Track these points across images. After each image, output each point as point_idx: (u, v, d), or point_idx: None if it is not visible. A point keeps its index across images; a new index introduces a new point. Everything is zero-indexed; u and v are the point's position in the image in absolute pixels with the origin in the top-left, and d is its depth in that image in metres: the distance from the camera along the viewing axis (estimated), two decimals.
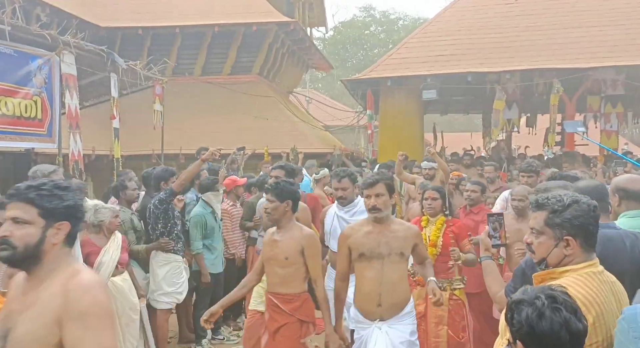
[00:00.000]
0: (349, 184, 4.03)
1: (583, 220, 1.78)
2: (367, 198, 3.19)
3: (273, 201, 3.26)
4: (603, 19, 11.27)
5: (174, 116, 11.08)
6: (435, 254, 3.95)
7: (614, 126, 10.95)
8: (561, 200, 1.83)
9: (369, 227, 3.21)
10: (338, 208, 4.08)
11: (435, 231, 4.05)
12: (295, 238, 3.28)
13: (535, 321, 1.37)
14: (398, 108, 11.68)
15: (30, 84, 5.62)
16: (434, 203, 4.10)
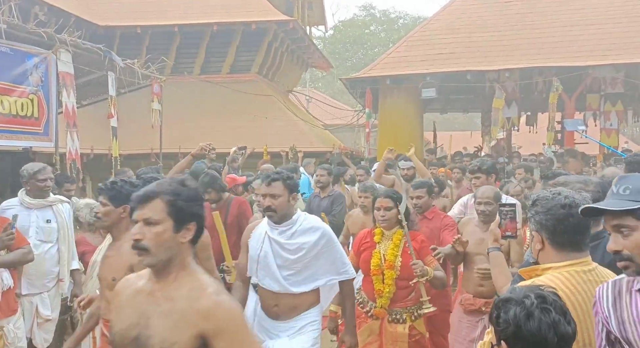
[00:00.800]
0: (283, 191, 2.88)
1: (543, 217, 1.79)
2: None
3: (105, 205, 2.67)
4: (602, 16, 11.24)
5: (173, 115, 11.06)
6: (393, 278, 3.26)
7: (614, 124, 10.93)
8: (535, 197, 1.87)
9: None
10: (269, 225, 2.95)
11: (392, 249, 3.31)
12: (126, 255, 2.47)
13: (523, 321, 1.33)
14: (397, 107, 11.66)
15: (27, 82, 5.60)
16: (387, 213, 3.33)
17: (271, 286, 2.91)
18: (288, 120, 12.67)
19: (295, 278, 2.89)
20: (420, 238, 3.40)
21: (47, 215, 3.97)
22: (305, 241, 2.90)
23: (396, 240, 3.33)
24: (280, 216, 2.89)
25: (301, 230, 2.92)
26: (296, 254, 2.89)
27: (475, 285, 3.41)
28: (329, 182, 6.01)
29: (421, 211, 4.11)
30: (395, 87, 11.55)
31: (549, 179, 3.32)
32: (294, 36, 14.16)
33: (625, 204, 1.48)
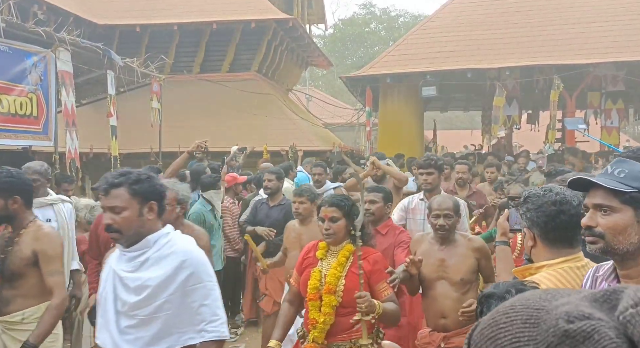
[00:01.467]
0: (129, 202, 1.97)
1: (534, 214, 1.80)
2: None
3: None
4: (603, 14, 11.21)
5: (173, 114, 11.04)
6: (332, 305, 2.55)
7: (615, 123, 10.91)
8: (527, 194, 1.88)
9: None
10: (119, 250, 2.07)
11: (334, 269, 2.60)
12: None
13: None
14: (397, 105, 11.64)
15: (26, 81, 5.58)
16: (333, 225, 2.66)
17: (105, 344, 2.00)
18: (288, 119, 12.65)
19: (136, 333, 1.94)
20: (374, 257, 2.64)
21: (47, 214, 3.94)
22: (152, 275, 1.94)
23: (341, 257, 2.62)
24: (128, 237, 1.95)
25: (156, 258, 1.97)
26: (139, 295, 1.94)
27: (436, 316, 2.84)
28: (279, 188, 4.86)
29: (374, 219, 3.36)
30: (395, 85, 11.53)
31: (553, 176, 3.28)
32: (293, 35, 14.14)
33: (617, 185, 1.47)
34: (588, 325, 0.43)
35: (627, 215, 1.45)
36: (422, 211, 3.80)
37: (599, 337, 0.43)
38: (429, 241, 2.98)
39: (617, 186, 1.46)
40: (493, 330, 0.48)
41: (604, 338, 0.42)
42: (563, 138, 11.86)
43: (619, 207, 1.46)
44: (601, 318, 0.44)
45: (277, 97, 13.42)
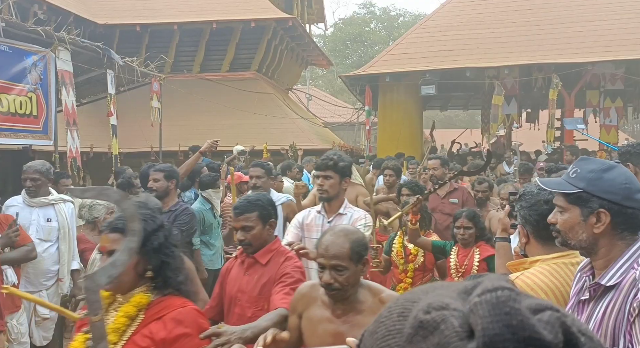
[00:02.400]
0: None
1: (527, 212, 1.84)
2: None
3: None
4: (601, 13, 11.22)
5: (173, 113, 11.07)
6: None
7: (614, 121, 10.93)
8: (522, 191, 1.93)
9: None
10: None
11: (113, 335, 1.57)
12: None
13: None
14: (397, 104, 11.66)
15: (25, 80, 5.60)
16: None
17: None
18: (288, 118, 12.68)
19: None
20: (176, 315, 1.60)
21: (48, 214, 3.96)
22: None
23: (121, 317, 1.58)
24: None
25: None
26: None
27: None
28: (167, 189, 3.84)
29: (249, 245, 2.38)
30: (394, 84, 11.55)
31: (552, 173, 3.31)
32: (293, 34, 14.15)
33: (564, 186, 1.54)
34: (440, 316, 0.44)
35: (574, 214, 1.51)
36: (320, 227, 2.96)
37: (445, 326, 0.43)
38: (320, 300, 1.90)
39: (561, 188, 1.55)
40: (375, 324, 0.49)
41: (448, 328, 0.43)
42: (562, 136, 11.88)
43: (567, 207, 1.54)
44: (456, 308, 0.44)
45: (277, 96, 13.44)
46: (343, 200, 3.05)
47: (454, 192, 4.93)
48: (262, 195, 2.57)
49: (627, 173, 1.50)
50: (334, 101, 21.14)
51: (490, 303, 0.43)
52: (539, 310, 0.44)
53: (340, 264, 1.79)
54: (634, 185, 1.47)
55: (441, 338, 0.43)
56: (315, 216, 3.09)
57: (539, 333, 0.42)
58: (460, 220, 3.40)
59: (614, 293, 1.46)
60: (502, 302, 0.43)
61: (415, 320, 0.45)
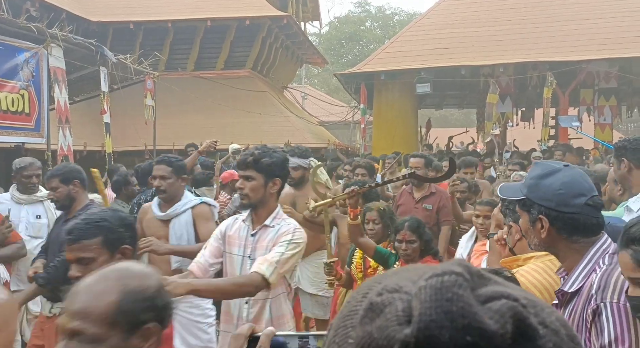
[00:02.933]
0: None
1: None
2: None
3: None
4: (595, 11, 11.26)
5: (167, 111, 11.02)
6: None
7: (608, 119, 10.97)
8: None
9: None
10: None
11: None
12: None
13: None
14: (392, 102, 11.65)
15: (17, 77, 5.56)
16: None
17: None
18: (283, 116, 12.65)
19: None
20: None
21: (37, 211, 3.94)
22: None
23: None
24: None
25: None
26: None
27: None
28: (68, 195, 3.13)
29: None
30: (389, 82, 11.54)
31: None
32: (288, 32, 14.12)
33: (513, 193, 1.60)
34: (389, 298, 0.43)
35: (525, 220, 1.54)
36: (243, 241, 2.42)
37: (388, 309, 0.42)
38: None
39: (508, 195, 1.61)
40: (344, 306, 0.48)
41: (391, 311, 0.41)
42: (556, 135, 11.91)
43: (520, 212, 1.58)
44: (408, 291, 0.43)
45: (272, 94, 13.41)
46: (273, 208, 2.42)
47: (430, 197, 4.43)
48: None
49: (566, 177, 1.48)
50: (330, 99, 21.12)
51: (433, 288, 0.41)
52: (493, 298, 0.41)
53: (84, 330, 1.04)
54: (572, 190, 1.46)
55: (383, 322, 0.41)
56: (240, 226, 2.46)
57: (480, 322, 0.39)
58: (402, 233, 2.92)
59: (576, 299, 1.46)
60: (445, 287, 0.41)
61: (367, 301, 0.44)
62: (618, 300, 1.37)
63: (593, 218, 1.46)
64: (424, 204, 4.41)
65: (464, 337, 0.39)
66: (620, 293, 1.37)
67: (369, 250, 3.08)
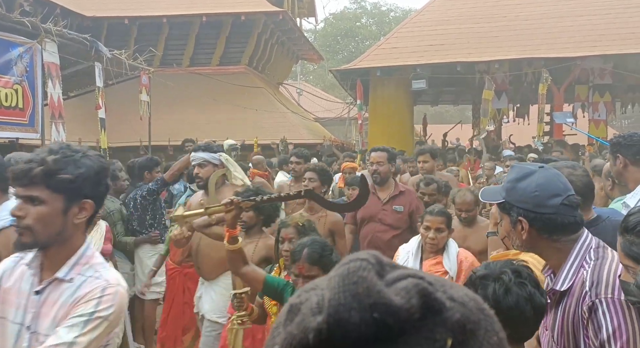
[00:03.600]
0: None
1: None
2: None
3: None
4: (590, 8, 11.29)
5: (163, 107, 10.97)
6: None
7: (602, 115, 11.01)
8: None
9: None
10: None
11: None
12: None
13: (502, 296, 1.37)
14: (388, 98, 11.65)
15: (11, 72, 5.51)
16: None
17: None
18: (278, 112, 12.63)
19: None
20: None
21: None
22: None
23: None
24: None
25: None
26: None
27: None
28: None
29: None
30: (385, 78, 11.53)
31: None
32: (284, 28, 14.08)
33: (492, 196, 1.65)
34: (305, 297, 0.44)
35: (506, 222, 1.58)
36: (25, 297, 1.51)
37: (304, 305, 0.44)
38: None
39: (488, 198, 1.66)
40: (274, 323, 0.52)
41: (306, 306, 0.43)
42: (551, 131, 11.95)
43: (501, 215, 1.61)
44: (322, 286, 0.44)
45: (267, 90, 13.38)
46: (76, 248, 1.49)
47: (400, 197, 3.86)
48: None
49: (540, 179, 1.52)
50: (325, 96, 21.10)
51: (341, 276, 0.43)
52: (399, 279, 0.43)
53: None
54: (547, 191, 1.50)
55: (300, 318, 0.43)
56: (22, 273, 1.52)
57: (386, 299, 0.41)
58: (298, 264, 2.17)
59: (567, 297, 1.48)
60: (351, 273, 0.43)
61: (286, 305, 0.45)
62: (612, 295, 1.39)
63: (570, 216, 1.50)
64: (393, 206, 3.82)
65: (372, 315, 0.40)
66: (614, 288, 1.39)
67: (257, 283, 2.35)
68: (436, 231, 2.82)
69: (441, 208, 3.05)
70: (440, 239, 2.84)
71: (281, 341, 0.43)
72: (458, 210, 3.56)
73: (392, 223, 3.78)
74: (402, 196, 3.90)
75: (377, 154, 3.95)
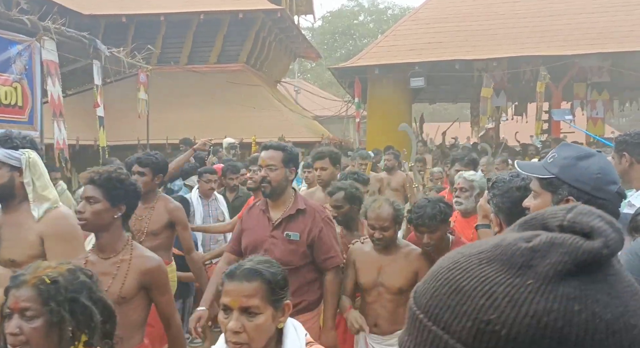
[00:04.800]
0: None
1: (500, 200, 1.82)
2: None
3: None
4: (588, 6, 11.31)
5: (161, 106, 10.95)
6: None
7: (600, 113, 11.04)
8: (494, 178, 1.90)
9: None
10: None
11: None
12: None
13: None
14: (386, 96, 11.65)
15: (10, 70, 5.49)
16: None
17: None
18: (276, 110, 12.61)
19: None
20: None
21: None
22: None
23: None
24: None
25: None
26: None
27: None
28: None
29: None
30: (383, 76, 11.53)
31: None
32: (281, 25, 14.06)
33: (538, 170, 1.52)
34: (544, 237, 0.47)
35: (545, 200, 1.49)
36: None
37: (560, 240, 0.46)
38: None
39: (534, 172, 1.53)
40: (447, 283, 0.48)
41: (566, 239, 0.46)
42: (549, 129, 11.98)
43: (540, 191, 1.52)
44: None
45: (265, 88, 13.36)
46: None
47: (296, 219, 2.63)
48: None
49: (603, 163, 1.46)
50: (323, 94, 21.08)
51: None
52: None
53: None
54: (608, 176, 1.44)
55: (564, 248, 0.45)
56: None
57: None
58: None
59: None
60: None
61: (523, 248, 0.46)
62: None
63: (618, 207, 1.44)
64: (285, 232, 2.60)
65: None
66: None
67: None
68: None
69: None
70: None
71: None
72: (370, 228, 2.58)
73: (280, 257, 2.37)
74: (301, 217, 2.63)
75: (267, 153, 2.66)
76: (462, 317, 0.45)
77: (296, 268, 2.55)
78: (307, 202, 2.75)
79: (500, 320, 0.44)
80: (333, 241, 2.70)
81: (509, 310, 0.44)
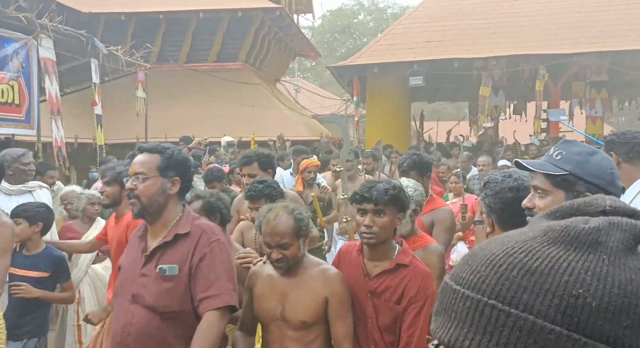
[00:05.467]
0: None
1: (492, 200, 1.77)
2: None
3: None
4: (587, 5, 11.30)
5: (160, 104, 10.94)
6: None
7: (599, 112, 11.03)
8: (486, 179, 1.83)
9: None
10: None
11: None
12: None
13: None
14: (385, 95, 11.64)
15: (7, 68, 5.49)
16: None
17: None
18: (275, 109, 12.60)
19: None
20: None
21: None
22: None
23: None
24: None
25: None
26: None
27: None
28: None
29: None
30: (382, 75, 11.52)
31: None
32: (281, 24, 14.04)
33: (548, 167, 1.48)
34: (602, 219, 0.51)
35: (558, 198, 1.44)
36: None
37: (616, 220, 0.50)
38: None
39: (546, 169, 1.47)
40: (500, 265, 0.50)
41: (622, 220, 0.50)
42: (548, 128, 11.97)
43: (551, 190, 1.46)
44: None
45: (264, 87, 13.35)
46: None
47: (173, 245, 1.93)
48: None
49: (610, 158, 1.48)
50: (322, 92, 21.08)
51: None
52: None
53: None
54: (617, 171, 1.45)
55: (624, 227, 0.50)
56: None
57: None
58: None
59: None
60: None
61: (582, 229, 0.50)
62: None
63: None
64: (159, 266, 1.88)
65: None
66: None
67: None
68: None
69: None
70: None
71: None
72: (266, 246, 1.97)
73: (153, 303, 1.86)
74: (182, 242, 1.91)
75: (138, 158, 1.99)
76: (546, 295, 0.46)
77: (175, 314, 1.84)
78: (197, 222, 1.96)
79: (590, 293, 0.46)
80: (220, 274, 1.85)
81: (596, 282, 0.46)
